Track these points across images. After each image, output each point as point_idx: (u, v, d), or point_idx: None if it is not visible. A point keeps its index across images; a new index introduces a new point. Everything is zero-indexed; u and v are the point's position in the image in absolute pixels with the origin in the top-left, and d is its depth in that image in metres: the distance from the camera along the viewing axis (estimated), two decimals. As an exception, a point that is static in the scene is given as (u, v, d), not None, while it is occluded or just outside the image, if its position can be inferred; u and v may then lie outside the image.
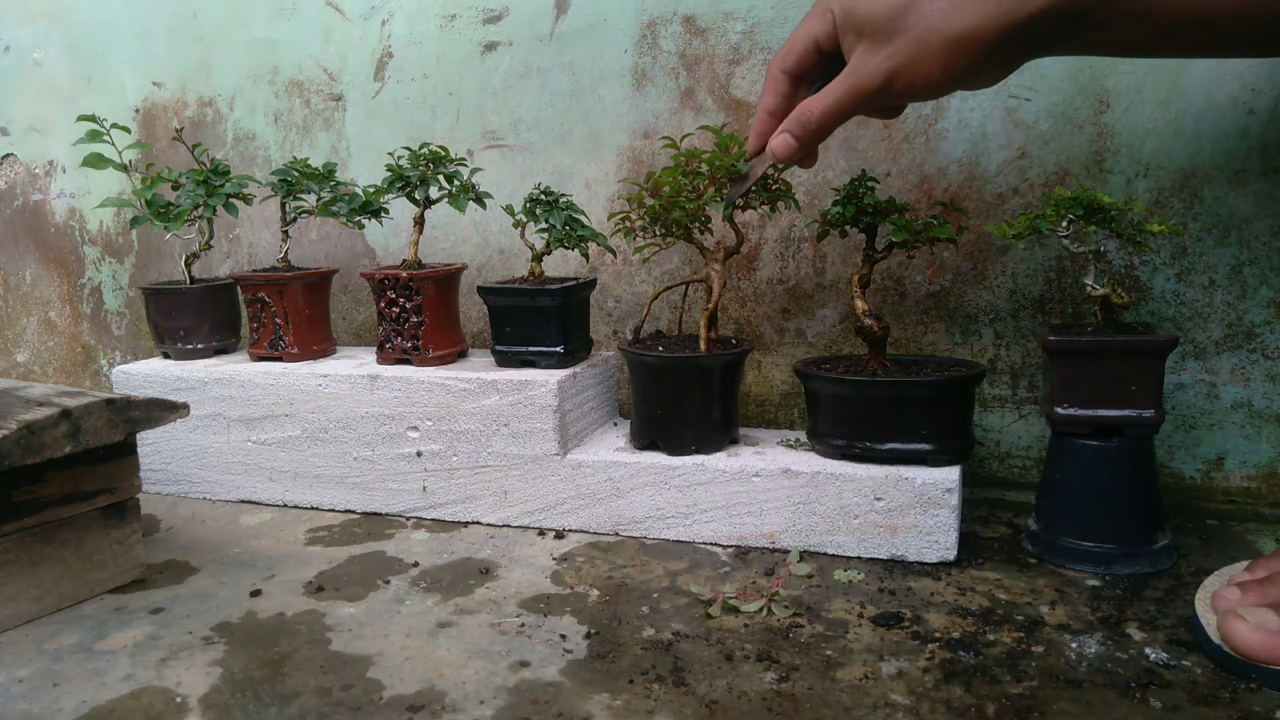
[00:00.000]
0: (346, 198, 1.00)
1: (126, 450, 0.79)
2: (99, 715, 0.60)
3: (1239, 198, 0.85)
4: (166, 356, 1.08)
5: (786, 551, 0.82)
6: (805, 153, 0.75)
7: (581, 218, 0.95)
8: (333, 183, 1.04)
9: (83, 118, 1.06)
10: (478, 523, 0.93)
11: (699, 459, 0.85)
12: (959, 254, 0.93)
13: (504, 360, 0.94)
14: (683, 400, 0.85)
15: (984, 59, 0.68)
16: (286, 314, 1.02)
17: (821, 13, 0.72)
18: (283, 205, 1.06)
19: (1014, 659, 0.62)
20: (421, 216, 1.00)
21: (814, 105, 0.72)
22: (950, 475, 0.78)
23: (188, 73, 1.26)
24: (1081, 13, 0.67)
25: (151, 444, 1.03)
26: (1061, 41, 0.69)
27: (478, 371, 0.92)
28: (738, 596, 0.72)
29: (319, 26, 1.17)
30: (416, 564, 0.83)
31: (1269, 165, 0.84)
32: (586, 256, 0.97)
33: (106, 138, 1.07)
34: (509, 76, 1.09)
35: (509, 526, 0.91)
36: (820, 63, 0.74)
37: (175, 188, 1.06)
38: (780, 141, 0.74)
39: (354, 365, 0.98)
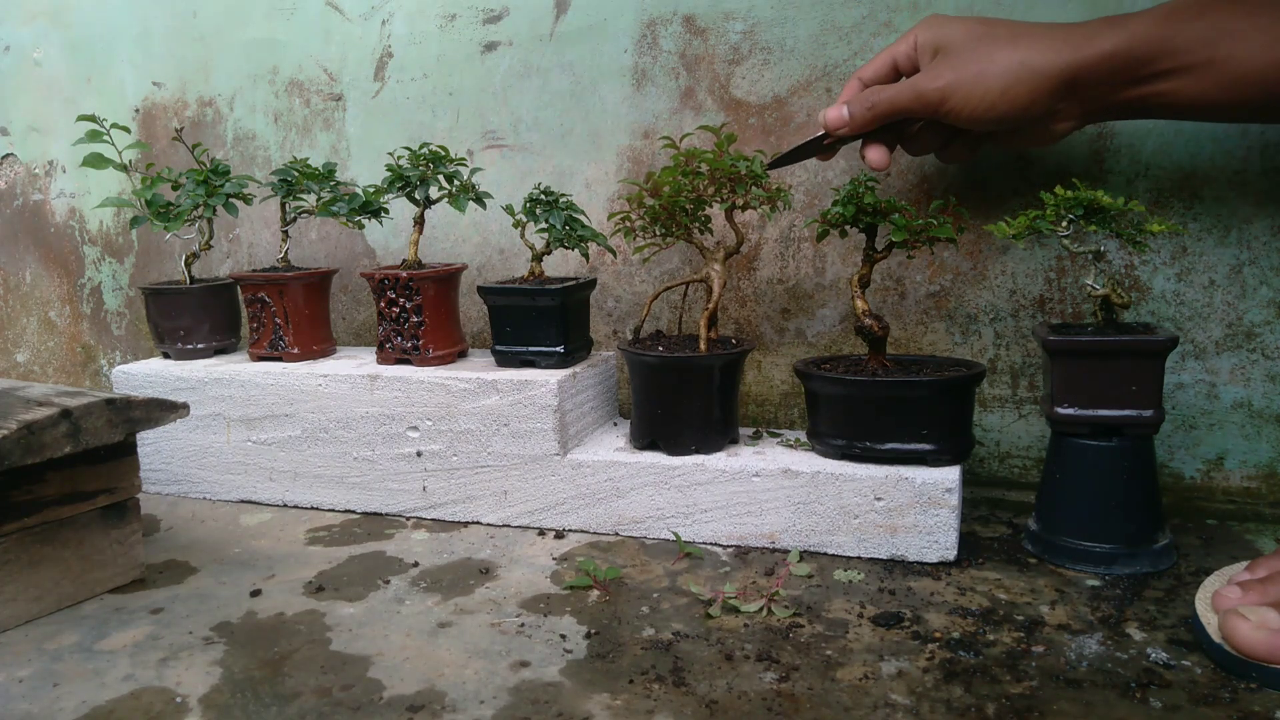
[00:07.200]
0: (346, 198, 1.00)
1: (126, 450, 0.79)
2: (99, 715, 0.60)
3: (1239, 198, 0.85)
4: (166, 356, 1.08)
5: (786, 551, 0.82)
6: (855, 131, 0.80)
7: (581, 218, 0.95)
8: (333, 183, 1.04)
9: (83, 118, 1.06)
10: (478, 523, 0.93)
11: (699, 459, 0.85)
12: (959, 254, 0.93)
13: (504, 360, 0.94)
14: (683, 400, 0.85)
15: (1043, 94, 0.73)
16: (286, 314, 1.02)
17: (907, 36, 0.79)
18: (283, 205, 1.06)
19: (1014, 659, 0.62)
20: (421, 216, 1.00)
21: (878, 91, 0.78)
22: (950, 475, 0.78)
23: (188, 73, 1.26)
24: (1148, 58, 0.70)
25: (151, 444, 1.03)
26: (1128, 90, 0.72)
27: (478, 371, 0.92)
28: (738, 596, 0.72)
29: (319, 26, 1.17)
30: (416, 564, 0.83)
31: (1269, 165, 0.84)
32: (586, 256, 0.97)
33: (106, 138, 1.07)
34: (509, 76, 1.09)
35: (509, 526, 0.91)
36: (894, 80, 0.80)
37: (175, 188, 1.06)
38: (835, 112, 0.80)
39: (354, 365, 0.98)
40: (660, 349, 0.86)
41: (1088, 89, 0.72)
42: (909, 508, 0.78)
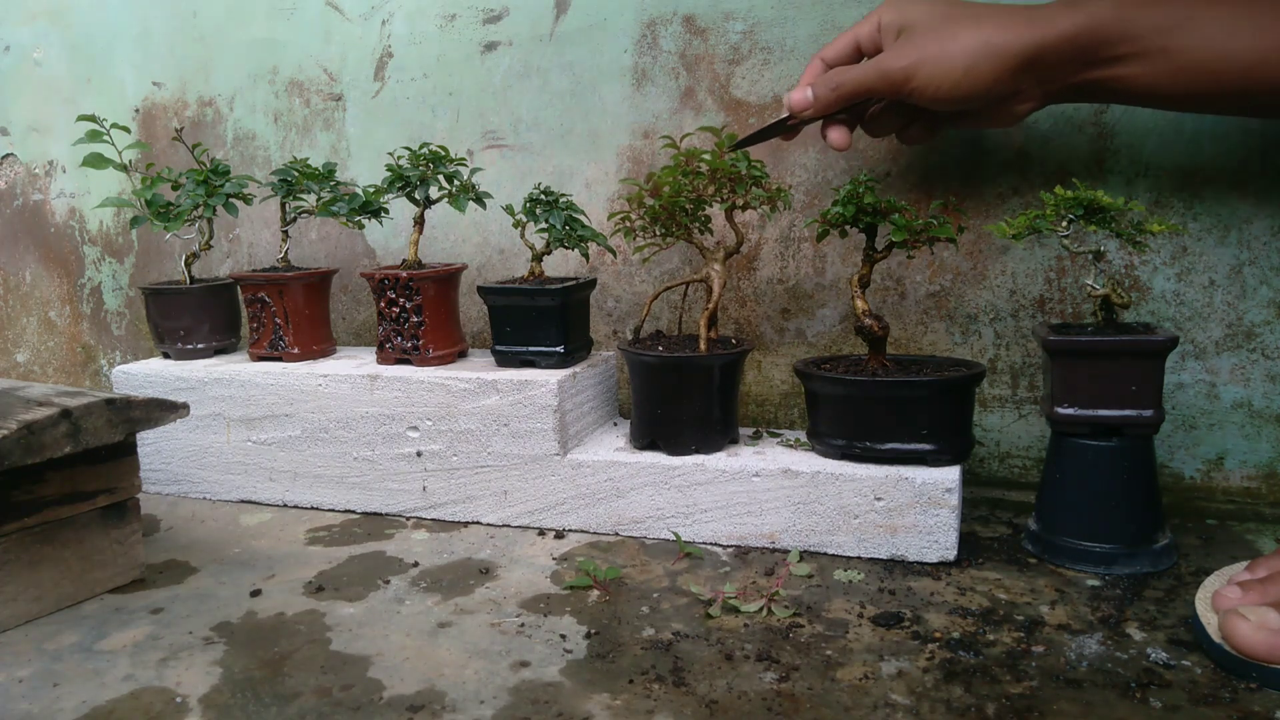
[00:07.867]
0: (346, 198, 1.00)
1: (126, 450, 0.79)
2: (99, 715, 0.60)
3: (1239, 198, 0.85)
4: (166, 356, 1.08)
5: (786, 551, 0.82)
6: (819, 113, 0.81)
7: (581, 218, 0.95)
8: (333, 183, 1.04)
9: (83, 118, 1.06)
10: (478, 523, 0.93)
11: (699, 459, 0.85)
12: (959, 254, 0.93)
13: (504, 360, 0.94)
14: (683, 400, 0.85)
15: (1006, 73, 0.73)
16: (286, 314, 1.02)
17: (870, 17, 0.79)
18: (283, 205, 1.06)
19: (1014, 659, 0.62)
20: (421, 216, 1.00)
21: (843, 72, 0.78)
22: (950, 475, 0.78)
23: (188, 73, 1.26)
24: (1105, 42, 0.71)
25: (151, 444, 1.03)
26: (1085, 73, 0.73)
27: (478, 371, 0.92)
28: (738, 596, 0.72)
29: (319, 26, 1.17)
30: (416, 564, 0.83)
31: (1269, 165, 0.84)
32: (586, 256, 0.97)
33: (106, 138, 1.07)
34: (509, 76, 1.09)
35: (509, 526, 0.91)
36: (855, 61, 0.80)
37: (175, 188, 1.06)
38: (800, 94, 0.80)
39: (354, 365, 0.98)
40: (660, 349, 0.86)
41: (1047, 69, 0.73)
42: (909, 508, 0.78)
